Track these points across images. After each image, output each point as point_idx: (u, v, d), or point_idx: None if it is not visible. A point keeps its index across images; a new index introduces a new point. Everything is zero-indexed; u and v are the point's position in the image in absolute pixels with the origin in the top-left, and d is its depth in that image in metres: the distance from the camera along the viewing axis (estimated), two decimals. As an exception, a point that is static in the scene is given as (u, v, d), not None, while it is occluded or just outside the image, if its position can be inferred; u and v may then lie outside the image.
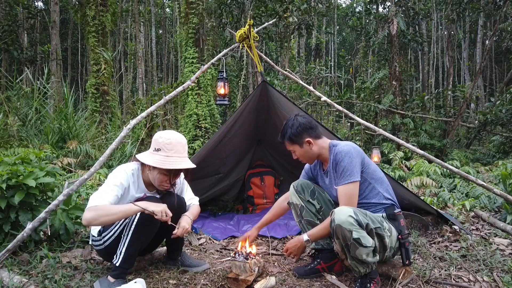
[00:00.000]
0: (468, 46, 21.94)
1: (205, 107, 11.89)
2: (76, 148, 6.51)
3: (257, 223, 3.97)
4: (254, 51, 3.66)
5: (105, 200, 2.17)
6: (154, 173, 2.36)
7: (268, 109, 4.08)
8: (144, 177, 2.46)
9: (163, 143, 2.33)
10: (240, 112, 3.87)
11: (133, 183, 2.41)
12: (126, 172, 2.38)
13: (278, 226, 3.83)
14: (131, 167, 2.43)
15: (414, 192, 5.40)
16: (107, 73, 11.67)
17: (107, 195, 2.20)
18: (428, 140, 10.98)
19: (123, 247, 2.29)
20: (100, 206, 2.13)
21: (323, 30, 13.28)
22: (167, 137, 2.35)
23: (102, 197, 2.18)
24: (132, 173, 2.41)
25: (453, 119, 11.48)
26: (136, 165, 2.47)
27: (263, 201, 4.76)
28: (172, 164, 2.29)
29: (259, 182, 4.76)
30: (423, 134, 11.18)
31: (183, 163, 2.34)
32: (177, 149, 2.34)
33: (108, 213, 2.12)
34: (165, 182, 2.37)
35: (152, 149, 2.36)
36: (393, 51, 11.72)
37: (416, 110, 11.85)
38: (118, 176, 2.34)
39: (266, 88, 3.77)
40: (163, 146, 2.32)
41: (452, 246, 2.93)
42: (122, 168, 2.40)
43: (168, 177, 2.36)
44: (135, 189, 2.44)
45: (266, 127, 4.50)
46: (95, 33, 11.72)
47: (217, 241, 3.47)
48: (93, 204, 2.13)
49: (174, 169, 2.32)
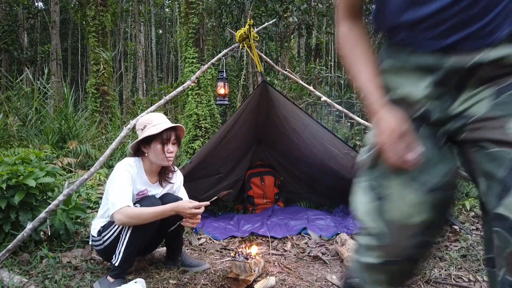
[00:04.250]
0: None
1: (205, 107, 11.85)
2: (76, 148, 6.50)
3: (257, 223, 4.01)
4: (254, 51, 3.66)
5: (126, 199, 2.26)
6: (153, 150, 2.43)
7: (268, 109, 4.08)
8: (146, 167, 2.52)
9: (146, 120, 2.49)
10: (240, 112, 3.87)
11: (137, 174, 2.47)
12: (130, 165, 2.44)
13: (278, 226, 3.83)
14: (131, 160, 2.49)
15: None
16: (107, 73, 11.65)
17: (125, 195, 2.28)
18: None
19: (122, 247, 2.30)
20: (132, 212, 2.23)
21: (323, 30, 13.25)
22: (146, 115, 2.57)
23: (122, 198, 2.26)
24: (135, 164, 2.47)
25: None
26: (134, 158, 2.52)
27: (263, 201, 4.75)
28: (161, 127, 2.40)
29: (259, 182, 4.76)
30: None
31: (169, 124, 2.45)
32: (160, 118, 2.50)
33: (141, 217, 2.25)
34: (166, 151, 2.43)
35: (139, 132, 2.48)
36: (393, 51, 11.69)
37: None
38: (125, 172, 2.39)
39: (266, 88, 3.77)
40: (147, 122, 2.46)
41: (452, 246, 2.94)
42: (124, 163, 2.45)
43: (164, 144, 2.43)
44: (139, 180, 2.50)
45: (266, 127, 4.50)
46: (95, 33, 11.71)
47: (217, 241, 3.47)
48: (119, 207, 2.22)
49: (166, 131, 2.41)
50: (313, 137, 3.79)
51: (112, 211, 2.23)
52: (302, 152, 4.26)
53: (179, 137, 2.55)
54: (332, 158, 3.84)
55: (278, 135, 4.35)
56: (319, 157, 4.06)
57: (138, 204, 2.35)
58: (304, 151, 4.20)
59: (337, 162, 3.82)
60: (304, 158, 4.33)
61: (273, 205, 4.71)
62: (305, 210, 4.36)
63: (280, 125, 4.12)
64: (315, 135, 3.73)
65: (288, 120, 3.92)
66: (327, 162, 4.00)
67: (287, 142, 4.33)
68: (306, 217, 4.04)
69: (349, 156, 3.55)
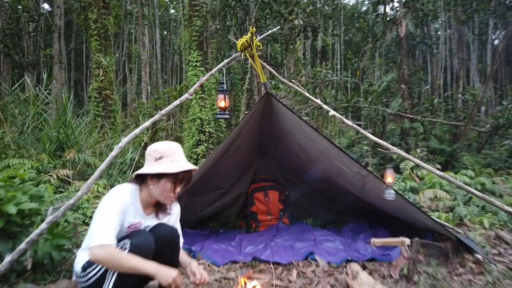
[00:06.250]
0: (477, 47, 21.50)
1: (209, 111, 11.63)
2: (74, 158, 6.28)
3: (260, 244, 3.75)
4: (257, 60, 3.39)
5: (110, 235, 1.98)
6: (160, 185, 2.14)
7: (272, 122, 3.81)
8: (142, 197, 2.22)
9: (164, 150, 2.17)
10: (243, 126, 3.61)
11: (131, 204, 2.17)
12: (124, 194, 2.15)
13: (283, 249, 3.56)
14: (128, 187, 2.19)
15: (425, 210, 5.12)
16: (109, 78, 11.48)
17: (110, 229, 2.00)
18: (438, 145, 10.67)
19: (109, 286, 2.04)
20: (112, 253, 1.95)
21: (329, 32, 12.96)
22: (165, 144, 2.22)
23: (106, 233, 1.98)
24: (131, 193, 2.18)
25: (464, 123, 11.14)
26: (132, 185, 2.23)
27: (267, 218, 4.48)
28: (181, 166, 2.13)
29: (263, 198, 4.49)
30: (432, 138, 10.86)
31: (189, 165, 2.18)
32: (179, 153, 2.21)
33: (118, 264, 1.96)
34: (172, 191, 2.16)
35: (152, 161, 2.16)
36: (402, 54, 11.41)
37: (425, 114, 11.52)
38: (116, 201, 2.11)
39: (270, 100, 3.51)
40: (165, 153, 2.16)
41: (476, 280, 2.65)
42: (119, 190, 2.16)
43: (176, 185, 2.16)
44: (133, 212, 2.20)
45: (271, 140, 4.23)
46: (97, 36, 11.53)
47: (217, 267, 3.21)
48: (99, 243, 1.94)
49: (183, 172, 2.13)
50: (320, 153, 3.52)
51: (89, 245, 1.97)
52: (309, 168, 3.99)
53: (190, 177, 2.29)
54: (341, 176, 3.57)
55: (283, 149, 4.09)
56: (327, 174, 3.79)
57: (127, 240, 2.09)
58: (310, 166, 3.93)
59: (346, 180, 3.55)
60: (310, 173, 4.06)
61: (278, 222, 4.44)
62: (312, 229, 4.08)
63: (285, 139, 3.85)
64: (323, 151, 3.46)
65: (293, 134, 3.65)
66: (335, 179, 3.73)
67: (292, 157, 4.06)
68: (313, 238, 3.77)
69: (360, 175, 3.27)
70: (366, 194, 3.51)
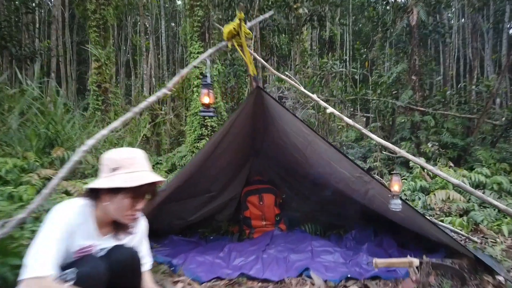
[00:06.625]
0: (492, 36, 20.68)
1: (211, 104, 11.27)
2: (62, 156, 5.94)
3: (251, 255, 3.36)
4: (246, 50, 2.99)
5: (47, 265, 1.60)
6: (116, 201, 1.75)
7: (265, 119, 3.40)
8: (97, 214, 1.83)
9: (121, 159, 1.77)
10: (232, 123, 3.21)
11: (81, 225, 1.77)
12: (71, 213, 1.75)
13: (275, 262, 3.18)
14: (77, 204, 1.79)
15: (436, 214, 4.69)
16: (108, 71, 11.17)
17: (48, 258, 1.62)
18: (450, 139, 10.19)
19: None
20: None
21: (336, 22, 12.39)
22: (122, 152, 1.82)
23: (42, 262, 1.60)
24: (81, 211, 1.78)
25: (478, 116, 10.60)
26: (84, 200, 1.84)
27: (262, 223, 4.10)
28: (141, 178, 1.73)
29: (257, 201, 4.10)
30: (444, 132, 10.37)
31: (152, 176, 1.78)
32: (140, 162, 1.81)
33: None
34: (132, 209, 1.78)
35: (107, 172, 1.77)
36: (413, 43, 10.85)
37: (437, 106, 11.00)
38: (60, 222, 1.70)
39: (261, 95, 3.10)
40: (123, 163, 1.76)
41: (498, 309, 2.24)
42: (64, 208, 1.76)
43: (136, 200, 1.77)
44: (83, 234, 1.80)
45: (265, 139, 3.83)
46: (96, 27, 11.17)
47: (199, 284, 2.84)
48: (33, 275, 1.57)
49: (144, 186, 1.74)
50: (318, 155, 3.11)
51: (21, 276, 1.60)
52: (306, 171, 3.59)
53: (155, 190, 1.90)
54: (342, 181, 3.16)
55: (278, 148, 3.68)
56: (326, 178, 3.38)
57: (74, 268, 1.72)
58: (307, 169, 3.53)
59: (348, 186, 3.14)
60: (308, 176, 3.66)
61: (273, 228, 4.06)
62: (310, 238, 3.68)
63: (279, 139, 3.45)
64: (321, 153, 3.05)
65: (287, 134, 3.24)
66: (336, 185, 3.32)
67: (288, 157, 3.66)
68: (311, 249, 3.37)
69: (362, 181, 2.86)
70: (370, 202, 3.10)
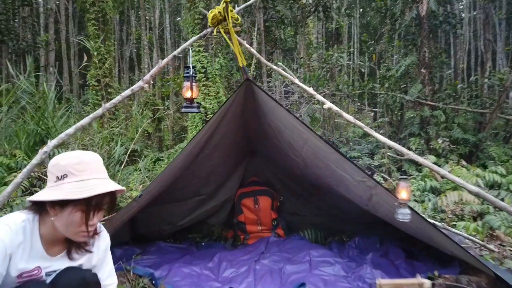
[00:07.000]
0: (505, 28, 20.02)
1: (213, 99, 10.90)
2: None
3: (242, 266, 3.05)
4: (233, 38, 2.65)
5: None
6: (64, 216, 1.42)
7: (258, 115, 3.06)
8: (44, 231, 1.49)
9: (69, 165, 1.43)
10: (218, 121, 2.87)
11: (22, 244, 1.44)
12: (7, 231, 1.41)
13: (269, 274, 2.86)
14: (18, 220, 1.45)
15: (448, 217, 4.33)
16: (108, 65, 10.93)
17: None
18: (462, 135, 9.79)
19: None
20: None
21: (342, 13, 11.95)
22: (70, 156, 1.47)
23: None
24: (23, 227, 1.45)
25: (490, 111, 10.16)
26: (27, 215, 1.51)
27: (258, 228, 3.78)
28: (93, 188, 1.40)
29: (252, 205, 3.77)
30: (455, 127, 9.96)
31: (108, 185, 1.45)
32: (92, 168, 1.47)
33: None
34: (84, 224, 1.44)
35: (53, 181, 1.44)
36: (422, 35, 10.41)
37: (448, 100, 10.58)
38: None
39: (252, 88, 2.75)
40: (70, 169, 1.42)
41: None
42: (2, 224, 1.44)
43: (89, 213, 1.44)
44: (24, 254, 1.47)
45: (258, 137, 3.50)
46: (94, 20, 10.93)
47: (181, 301, 2.53)
48: None
49: (98, 196, 1.41)
50: (315, 156, 2.77)
51: None
52: (303, 172, 3.25)
53: (114, 201, 1.55)
54: (342, 185, 2.82)
55: (273, 148, 3.34)
56: (325, 181, 3.04)
57: None
58: (304, 171, 3.18)
59: (349, 190, 2.80)
60: (306, 178, 3.33)
61: (270, 233, 3.73)
62: (309, 246, 3.35)
63: (274, 138, 3.11)
64: (318, 154, 2.71)
65: (281, 132, 2.90)
66: (335, 188, 2.98)
67: (284, 157, 3.32)
68: (309, 260, 3.05)
69: (365, 185, 2.51)
70: (374, 208, 2.75)
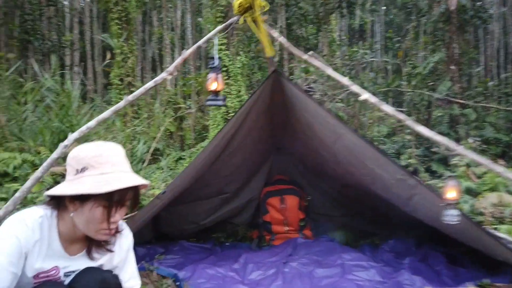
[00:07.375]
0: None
1: (234, 98, 10.78)
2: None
3: (270, 269, 2.89)
4: (260, 27, 2.50)
5: None
6: (84, 212, 1.29)
7: (286, 109, 2.89)
8: (62, 228, 1.36)
9: (88, 157, 1.30)
10: (243, 118, 2.72)
11: (39, 241, 1.31)
12: (24, 228, 1.28)
13: (298, 278, 2.69)
14: (35, 216, 1.32)
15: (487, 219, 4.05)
16: (131, 64, 11.03)
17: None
18: (493, 134, 9.40)
19: None
20: None
21: (367, 8, 11.64)
22: (91, 148, 1.33)
23: None
24: (39, 224, 1.33)
25: (524, 109, 9.75)
26: (45, 210, 1.38)
27: (284, 229, 3.61)
28: (114, 182, 1.26)
29: (278, 204, 3.61)
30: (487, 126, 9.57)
31: (131, 179, 1.31)
32: (114, 161, 1.32)
33: None
34: (106, 221, 1.30)
35: (72, 174, 1.30)
36: (452, 31, 10.05)
37: (478, 98, 10.19)
38: (9, 241, 1.27)
39: (280, 81, 2.59)
40: (91, 162, 1.29)
41: None
42: (15, 222, 1.31)
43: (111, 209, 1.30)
44: (42, 253, 1.34)
45: (286, 133, 3.33)
46: (117, 20, 11.04)
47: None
48: None
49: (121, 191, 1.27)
50: (348, 152, 2.59)
51: None
52: (334, 170, 3.06)
53: (137, 197, 1.43)
54: (379, 183, 2.62)
55: (301, 144, 3.18)
56: (358, 178, 2.85)
57: None
58: (336, 168, 3.00)
59: (386, 189, 2.61)
60: (337, 176, 3.14)
61: (297, 234, 3.56)
62: (340, 249, 3.14)
63: (302, 132, 2.94)
64: (352, 150, 2.52)
65: (312, 126, 2.72)
66: (370, 187, 2.79)
67: (313, 154, 3.14)
68: (341, 263, 2.85)
69: (405, 184, 2.32)
70: (414, 209, 2.55)
